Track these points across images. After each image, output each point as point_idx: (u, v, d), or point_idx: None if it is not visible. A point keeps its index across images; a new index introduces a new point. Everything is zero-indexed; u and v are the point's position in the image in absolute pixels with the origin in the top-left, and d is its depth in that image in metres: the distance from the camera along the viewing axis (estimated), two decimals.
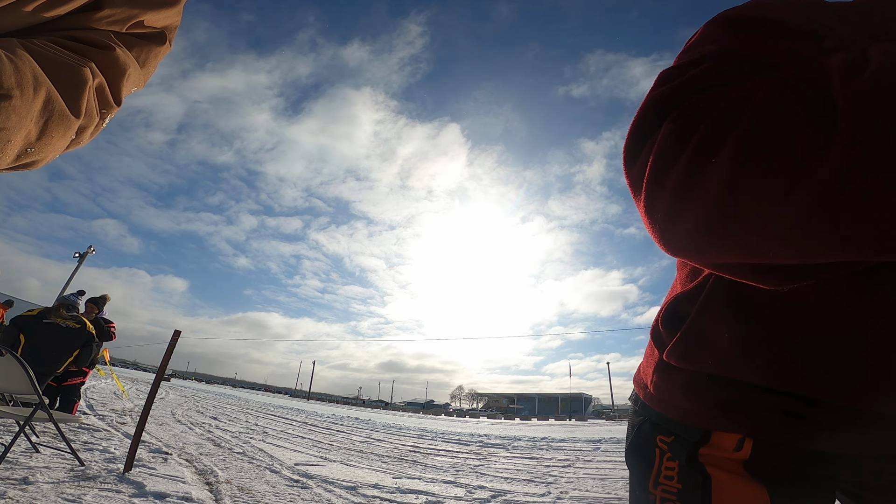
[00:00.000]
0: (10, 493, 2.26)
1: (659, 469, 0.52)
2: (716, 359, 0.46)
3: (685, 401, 0.51)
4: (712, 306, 0.47)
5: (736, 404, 0.47)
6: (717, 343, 0.46)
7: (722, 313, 0.46)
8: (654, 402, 0.55)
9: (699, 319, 0.48)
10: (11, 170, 0.39)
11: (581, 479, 4.50)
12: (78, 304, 5.24)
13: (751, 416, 0.46)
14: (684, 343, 0.49)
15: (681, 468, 0.50)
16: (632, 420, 0.61)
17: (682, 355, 0.49)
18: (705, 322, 0.48)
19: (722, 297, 0.47)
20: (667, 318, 0.53)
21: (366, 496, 3.21)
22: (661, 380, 0.54)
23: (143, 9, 0.47)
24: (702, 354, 0.48)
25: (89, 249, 24.11)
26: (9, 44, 0.36)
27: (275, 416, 11.55)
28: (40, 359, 4.39)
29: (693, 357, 0.48)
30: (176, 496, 2.57)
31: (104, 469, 3.02)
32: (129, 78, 0.46)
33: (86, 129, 0.42)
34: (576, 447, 8.07)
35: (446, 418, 32.95)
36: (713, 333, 0.47)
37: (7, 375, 2.90)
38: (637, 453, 0.58)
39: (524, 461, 6.01)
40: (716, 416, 0.48)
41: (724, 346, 0.46)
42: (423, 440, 8.57)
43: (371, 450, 6.22)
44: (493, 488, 3.85)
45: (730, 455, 0.47)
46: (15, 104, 0.33)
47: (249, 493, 2.92)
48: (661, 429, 0.54)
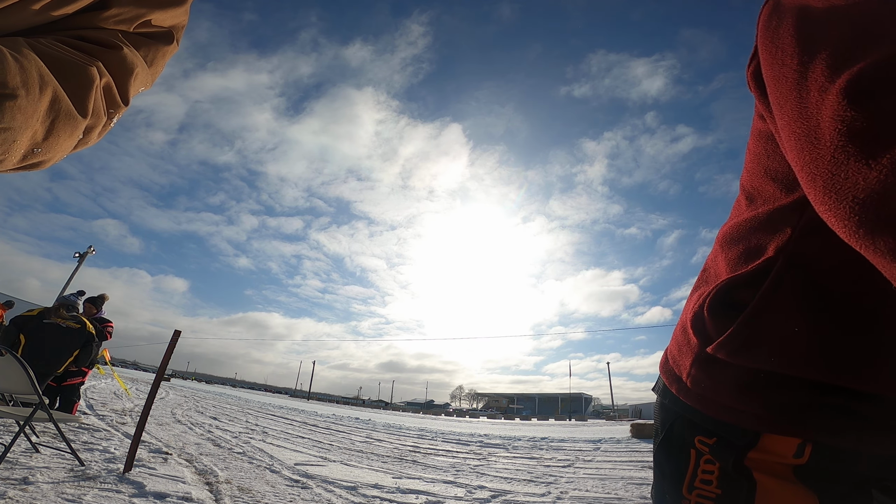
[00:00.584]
0: (10, 493, 2.26)
1: (695, 472, 0.47)
2: (783, 355, 0.41)
3: (734, 400, 0.45)
4: (781, 294, 0.42)
5: (798, 406, 0.42)
6: (786, 338, 0.41)
7: (793, 303, 0.41)
8: (692, 397, 0.49)
9: (763, 309, 0.42)
10: (18, 170, 0.38)
11: (581, 479, 4.50)
12: (78, 304, 5.23)
13: (814, 418, 0.41)
14: (741, 336, 0.43)
15: (722, 472, 0.45)
16: (661, 415, 0.55)
17: (736, 350, 0.43)
18: (771, 312, 0.42)
19: (793, 283, 0.41)
20: (715, 305, 0.47)
21: (366, 496, 3.20)
22: (702, 373, 0.48)
23: (151, 8, 0.47)
24: (763, 350, 0.42)
25: (89, 249, 24.09)
26: (14, 43, 0.36)
27: (275, 416, 11.55)
28: (40, 359, 4.38)
29: (752, 353, 0.43)
30: (176, 496, 2.57)
31: (104, 469, 3.01)
32: (137, 77, 0.46)
33: (93, 129, 0.42)
34: (576, 447, 8.07)
35: (446, 418, 32.94)
36: (781, 326, 0.41)
37: (7, 375, 2.90)
38: (669, 452, 0.52)
39: (524, 461, 6.01)
40: (772, 418, 0.43)
41: (795, 342, 0.40)
42: (423, 440, 8.56)
43: (371, 450, 6.22)
44: (493, 488, 3.84)
45: (784, 460, 0.43)
46: (20, 103, 0.33)
47: (249, 493, 2.91)
48: (700, 428, 0.48)
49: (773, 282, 0.42)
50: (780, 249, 0.43)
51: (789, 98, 0.36)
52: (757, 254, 0.46)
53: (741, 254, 0.48)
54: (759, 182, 0.49)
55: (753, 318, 0.43)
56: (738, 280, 0.46)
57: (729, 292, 0.46)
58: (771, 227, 0.46)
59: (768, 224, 0.46)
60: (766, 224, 0.46)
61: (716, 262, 0.53)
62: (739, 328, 0.43)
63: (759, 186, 0.49)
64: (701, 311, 0.49)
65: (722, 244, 0.52)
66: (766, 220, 0.46)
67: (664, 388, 0.56)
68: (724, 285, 0.47)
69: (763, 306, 0.42)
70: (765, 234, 0.46)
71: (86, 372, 5.41)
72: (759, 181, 0.49)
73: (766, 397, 0.43)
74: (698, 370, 0.49)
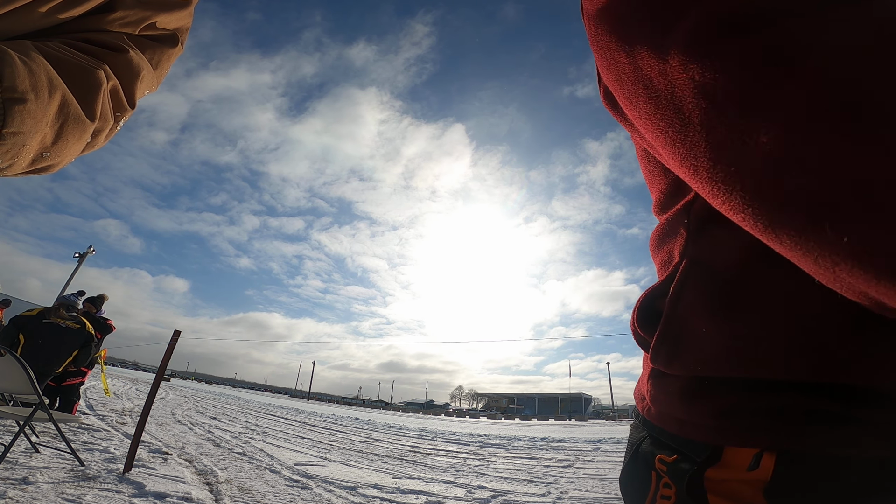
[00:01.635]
0: (10, 493, 2.26)
1: (653, 499, 0.42)
2: (701, 359, 0.38)
3: (684, 411, 0.41)
4: (685, 297, 0.40)
5: (742, 410, 0.36)
6: (698, 340, 0.38)
7: (697, 304, 0.39)
8: (653, 415, 0.46)
9: (672, 316, 0.41)
10: (27, 174, 0.38)
11: (581, 480, 4.50)
12: (77, 304, 5.23)
13: (764, 422, 0.35)
14: (665, 345, 0.41)
15: (678, 497, 0.40)
16: (631, 438, 0.51)
17: (667, 359, 0.41)
18: (679, 318, 0.40)
19: (694, 284, 0.39)
20: (641, 318, 0.46)
21: (366, 496, 3.21)
22: (655, 388, 0.45)
23: (156, 11, 0.47)
24: (686, 356, 0.39)
25: (89, 249, 24.08)
26: (23, 46, 0.36)
27: (275, 417, 11.54)
28: (40, 359, 4.38)
29: (679, 360, 0.40)
30: (176, 496, 2.57)
31: (104, 469, 3.01)
32: (143, 80, 0.46)
33: (100, 132, 0.42)
34: (576, 447, 8.07)
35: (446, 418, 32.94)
36: (691, 330, 0.39)
37: (7, 375, 2.90)
38: (632, 476, 0.47)
39: (524, 461, 6.01)
40: (722, 426, 0.37)
41: (707, 343, 0.37)
42: (422, 440, 8.56)
43: (371, 450, 6.22)
44: (493, 488, 3.85)
45: (745, 476, 0.36)
46: (30, 108, 0.33)
47: (249, 493, 2.92)
48: (663, 446, 0.43)
49: (678, 285, 0.41)
50: (682, 252, 0.43)
51: (635, 91, 0.33)
52: (669, 261, 0.45)
53: (661, 263, 0.48)
54: (655, 193, 0.49)
55: (667, 326, 0.41)
56: (656, 291, 0.45)
57: (651, 303, 0.45)
58: (672, 231, 0.45)
59: (670, 230, 0.46)
60: (669, 230, 0.46)
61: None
62: (660, 338, 0.42)
63: (657, 197, 0.49)
64: (634, 326, 0.47)
65: (653, 253, 0.51)
66: (668, 226, 0.46)
67: (635, 411, 0.52)
68: (647, 297, 0.46)
69: (672, 314, 0.41)
70: (670, 240, 0.46)
71: (85, 372, 5.41)
72: (655, 191, 0.50)
73: (710, 404, 0.39)
74: (653, 385, 0.46)
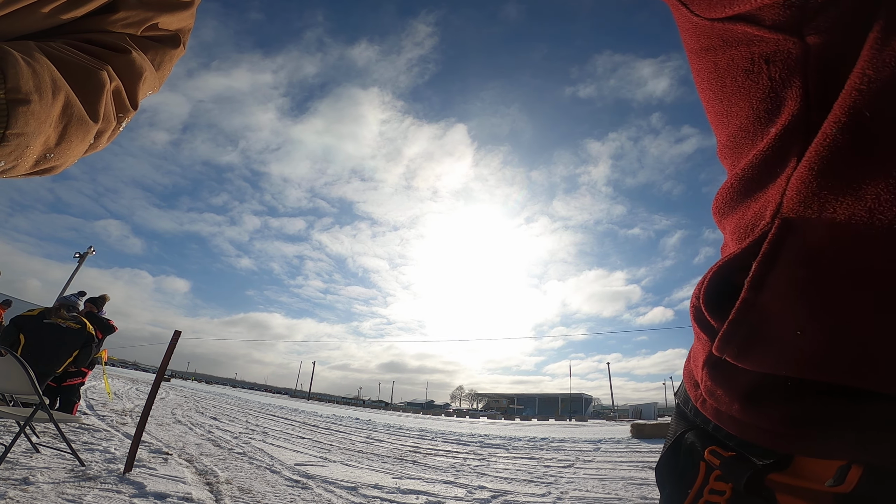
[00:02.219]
0: (10, 493, 2.26)
1: (700, 491, 0.37)
2: (786, 358, 0.30)
3: (751, 414, 0.34)
4: (773, 280, 0.30)
5: (836, 420, 0.30)
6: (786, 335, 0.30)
7: (790, 290, 0.29)
8: (709, 409, 0.39)
9: (753, 302, 0.31)
10: (31, 175, 0.38)
11: (581, 480, 4.50)
12: (78, 304, 5.24)
13: (859, 435, 0.30)
14: (737, 333, 0.32)
15: (734, 494, 0.35)
16: (674, 422, 0.44)
17: (739, 351, 0.32)
18: (762, 306, 0.30)
19: (790, 260, 0.29)
20: (709, 296, 0.35)
21: (366, 496, 3.21)
22: (713, 380, 0.37)
23: (158, 11, 0.47)
24: (766, 352, 0.31)
25: (89, 250, 24.06)
26: (26, 47, 0.36)
27: (275, 417, 11.54)
28: (40, 359, 4.39)
29: (756, 356, 0.32)
30: (176, 496, 2.57)
31: (104, 469, 3.02)
32: (146, 81, 0.46)
33: (104, 133, 0.42)
34: (576, 447, 8.07)
35: (446, 419, 32.93)
36: (777, 322, 0.30)
37: (7, 376, 2.90)
38: (674, 464, 0.41)
39: (524, 461, 6.01)
40: (800, 436, 0.32)
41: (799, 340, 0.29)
42: (423, 440, 8.56)
43: (371, 450, 6.22)
44: (493, 488, 3.85)
45: (820, 487, 0.31)
46: (34, 109, 0.33)
47: (250, 493, 2.92)
48: (715, 440, 0.38)
49: (766, 259, 0.30)
50: (777, 209, 0.30)
51: None
52: (753, 223, 0.33)
53: (736, 227, 0.36)
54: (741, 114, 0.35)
55: (745, 310, 0.31)
56: (731, 262, 0.34)
57: (727, 275, 0.35)
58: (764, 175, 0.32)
59: (760, 173, 0.33)
60: (758, 175, 0.33)
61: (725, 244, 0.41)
62: (733, 324, 0.32)
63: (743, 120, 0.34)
64: (698, 303, 0.37)
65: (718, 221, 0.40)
66: (756, 169, 0.33)
67: (684, 395, 0.44)
68: (719, 269, 0.35)
69: (753, 297, 0.31)
70: (758, 190, 0.33)
71: (86, 372, 5.41)
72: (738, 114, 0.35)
73: (793, 410, 0.32)
74: (710, 376, 0.38)
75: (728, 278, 0.34)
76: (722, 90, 0.35)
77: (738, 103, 0.34)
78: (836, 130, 0.25)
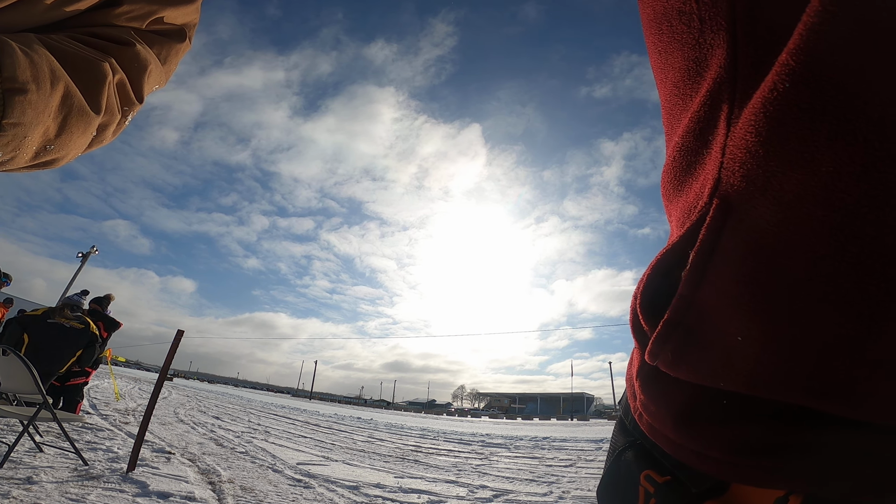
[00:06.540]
0: (14, 492, 2.27)
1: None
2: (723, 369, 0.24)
3: (684, 435, 0.28)
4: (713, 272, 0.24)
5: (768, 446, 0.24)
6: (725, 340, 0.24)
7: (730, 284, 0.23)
8: (645, 423, 0.33)
9: (689, 298, 0.25)
10: (32, 168, 0.38)
11: (583, 479, 4.49)
12: (82, 304, 5.26)
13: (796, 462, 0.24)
14: (672, 338, 0.27)
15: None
16: (615, 440, 0.38)
17: (673, 358, 0.27)
18: (699, 303, 0.25)
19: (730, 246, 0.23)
20: (648, 292, 0.29)
21: (368, 496, 3.21)
22: (647, 394, 0.31)
23: (163, 5, 0.47)
24: (701, 359, 0.26)
25: (92, 249, 24.16)
26: (26, 38, 0.35)
27: (277, 416, 11.56)
28: (44, 359, 4.40)
29: (689, 364, 0.26)
30: (179, 496, 2.57)
31: (108, 468, 3.02)
32: (151, 75, 0.46)
33: (107, 126, 0.42)
34: (578, 447, 8.06)
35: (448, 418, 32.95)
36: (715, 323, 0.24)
37: (11, 375, 2.91)
38: (613, 486, 0.37)
39: (526, 461, 6.01)
40: (739, 464, 0.26)
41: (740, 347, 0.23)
42: (425, 440, 8.56)
43: (373, 449, 6.22)
44: (495, 488, 3.84)
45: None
46: (31, 98, 0.33)
47: (252, 492, 2.92)
48: (654, 462, 0.32)
49: (704, 247, 0.24)
50: (714, 188, 0.24)
51: None
52: (692, 207, 0.27)
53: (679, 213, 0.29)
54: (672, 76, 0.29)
55: (681, 309, 0.26)
56: (669, 255, 0.28)
57: (663, 273, 0.28)
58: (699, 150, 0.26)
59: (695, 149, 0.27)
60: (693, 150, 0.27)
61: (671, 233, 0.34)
62: (670, 324, 0.26)
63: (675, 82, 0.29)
64: (634, 303, 0.31)
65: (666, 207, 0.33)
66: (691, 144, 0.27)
67: (626, 404, 0.37)
68: (658, 262, 0.29)
69: (690, 293, 0.25)
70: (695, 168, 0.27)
71: (90, 372, 5.43)
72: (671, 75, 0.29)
73: (729, 431, 0.26)
74: (643, 387, 0.32)
75: (668, 274, 0.28)
76: (659, 38, 0.29)
77: (672, 53, 0.28)
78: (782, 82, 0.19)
